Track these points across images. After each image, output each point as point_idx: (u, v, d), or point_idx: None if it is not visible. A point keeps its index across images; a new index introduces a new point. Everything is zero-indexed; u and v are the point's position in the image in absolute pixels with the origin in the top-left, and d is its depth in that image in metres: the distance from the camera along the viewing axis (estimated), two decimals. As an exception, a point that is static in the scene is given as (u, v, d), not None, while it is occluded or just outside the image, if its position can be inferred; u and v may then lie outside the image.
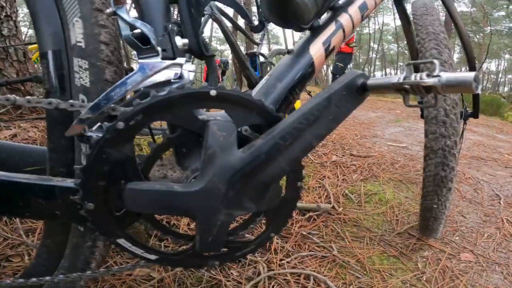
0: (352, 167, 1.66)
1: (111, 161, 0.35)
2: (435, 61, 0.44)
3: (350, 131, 2.40)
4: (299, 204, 1.21)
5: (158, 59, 0.40)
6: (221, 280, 0.78)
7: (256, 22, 0.66)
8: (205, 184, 0.37)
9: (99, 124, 0.37)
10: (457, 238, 1.14)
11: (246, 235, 0.58)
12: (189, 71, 0.42)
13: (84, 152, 0.38)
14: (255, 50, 2.24)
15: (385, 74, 24.31)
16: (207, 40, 0.62)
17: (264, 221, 0.51)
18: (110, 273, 0.48)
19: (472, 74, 0.40)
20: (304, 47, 0.62)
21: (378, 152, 1.94)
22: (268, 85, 0.53)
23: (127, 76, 0.38)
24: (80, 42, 0.43)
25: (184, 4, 0.47)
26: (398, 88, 0.46)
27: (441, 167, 0.78)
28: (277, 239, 1.01)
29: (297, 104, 2.55)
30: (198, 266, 0.47)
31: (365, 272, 0.90)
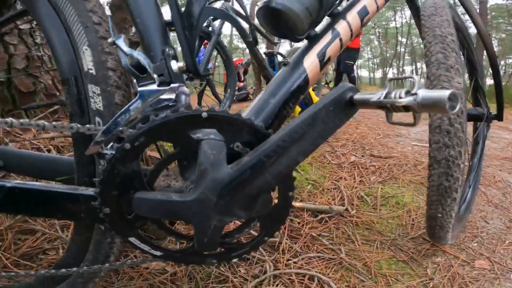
0: (371, 168, 1.69)
1: (121, 175, 0.45)
2: (415, 77, 0.47)
3: (373, 130, 2.39)
4: (311, 205, 1.28)
5: (154, 86, 0.49)
6: (228, 276, 0.87)
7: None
8: (197, 195, 0.45)
9: (112, 143, 0.46)
10: (475, 244, 1.15)
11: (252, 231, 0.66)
12: (184, 94, 0.50)
13: (101, 167, 0.48)
14: (273, 50, 2.30)
15: (415, 69, 23.23)
16: (225, 44, 0.68)
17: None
18: (125, 265, 0.58)
19: (446, 93, 0.42)
20: (299, 59, 0.66)
21: (400, 153, 1.94)
22: (262, 101, 0.60)
23: (129, 103, 0.47)
24: (91, 69, 0.52)
25: (180, 28, 0.54)
26: (379, 106, 0.50)
27: (445, 177, 0.80)
28: (287, 239, 1.09)
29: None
30: (198, 263, 0.56)
31: (370, 276, 0.95)
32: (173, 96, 0.49)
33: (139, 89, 0.49)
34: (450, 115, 0.79)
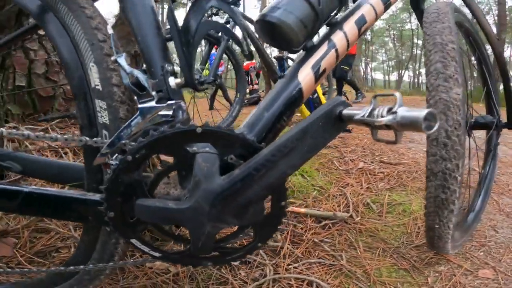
0: (379, 175, 1.71)
1: (124, 184, 0.51)
2: (397, 94, 0.50)
3: (384, 136, 2.39)
4: (315, 211, 1.31)
5: (153, 103, 0.54)
6: (228, 278, 0.92)
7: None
8: (192, 204, 0.50)
9: (116, 154, 0.52)
10: (481, 253, 1.16)
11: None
12: (181, 110, 0.55)
13: (106, 176, 0.54)
14: (283, 54, 2.34)
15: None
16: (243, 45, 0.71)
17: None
18: (127, 264, 0.64)
19: (423, 113, 0.45)
20: (294, 71, 0.68)
21: (411, 159, 1.94)
22: (257, 114, 0.64)
23: (131, 119, 0.53)
24: (98, 85, 0.59)
25: (178, 44, 0.59)
26: (363, 123, 0.54)
27: (441, 189, 0.82)
28: (289, 244, 1.13)
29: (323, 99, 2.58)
30: (194, 264, 0.61)
31: (369, 284, 0.98)
32: (170, 112, 0.54)
33: (139, 106, 0.55)
34: (447, 127, 0.80)
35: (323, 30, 0.81)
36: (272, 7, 0.69)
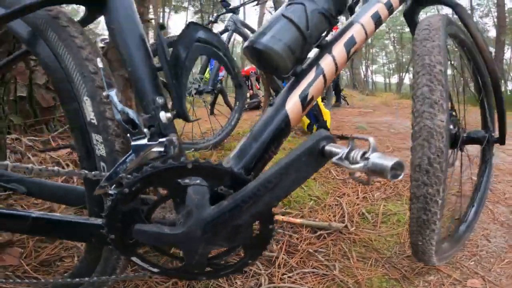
0: (376, 184, 1.76)
1: (123, 212, 0.57)
2: (371, 140, 0.55)
3: (382, 143, 2.44)
4: (311, 222, 1.37)
5: (145, 141, 0.59)
6: (225, 287, 0.98)
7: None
8: (185, 229, 0.56)
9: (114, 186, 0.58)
10: (472, 263, 1.21)
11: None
12: (173, 145, 0.60)
13: (106, 204, 0.59)
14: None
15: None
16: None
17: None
18: (129, 278, 0.70)
19: (390, 163, 0.49)
20: (282, 100, 0.71)
21: (409, 168, 1.98)
22: (245, 144, 0.68)
23: (126, 156, 0.58)
24: (93, 119, 0.62)
25: (168, 76, 0.63)
26: (340, 166, 0.57)
27: (423, 211, 0.85)
28: (284, 254, 1.19)
29: (327, 114, 2.63)
30: (190, 279, 0.67)
31: (359, 293, 1.04)
32: (162, 148, 0.59)
33: (132, 143, 0.59)
34: (430, 155, 0.81)
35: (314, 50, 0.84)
36: (260, 33, 0.72)
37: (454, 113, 1.17)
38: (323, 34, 0.78)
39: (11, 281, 0.79)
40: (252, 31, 2.52)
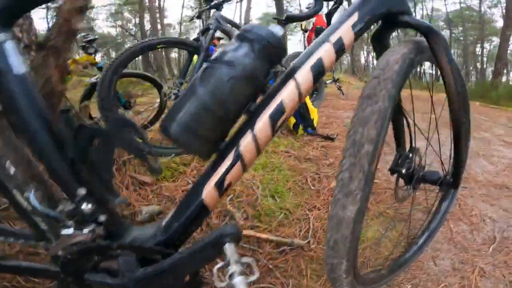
0: (347, 197, 1.87)
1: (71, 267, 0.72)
2: (251, 261, 0.67)
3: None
4: (274, 237, 1.51)
5: (71, 231, 0.67)
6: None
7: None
8: (121, 282, 0.71)
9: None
10: (409, 286, 1.32)
11: None
12: (96, 234, 0.71)
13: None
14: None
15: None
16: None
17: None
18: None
19: None
20: (199, 186, 0.73)
21: (385, 180, 2.08)
22: (168, 222, 0.76)
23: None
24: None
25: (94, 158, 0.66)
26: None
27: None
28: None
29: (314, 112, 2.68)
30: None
31: (303, 311, 1.19)
32: (88, 237, 0.68)
33: (61, 233, 0.67)
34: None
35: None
36: (170, 117, 0.68)
37: (413, 151, 1.17)
38: (249, 104, 0.70)
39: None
40: (237, 26, 2.48)
